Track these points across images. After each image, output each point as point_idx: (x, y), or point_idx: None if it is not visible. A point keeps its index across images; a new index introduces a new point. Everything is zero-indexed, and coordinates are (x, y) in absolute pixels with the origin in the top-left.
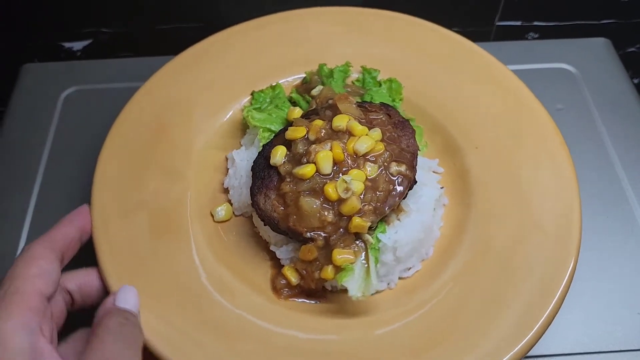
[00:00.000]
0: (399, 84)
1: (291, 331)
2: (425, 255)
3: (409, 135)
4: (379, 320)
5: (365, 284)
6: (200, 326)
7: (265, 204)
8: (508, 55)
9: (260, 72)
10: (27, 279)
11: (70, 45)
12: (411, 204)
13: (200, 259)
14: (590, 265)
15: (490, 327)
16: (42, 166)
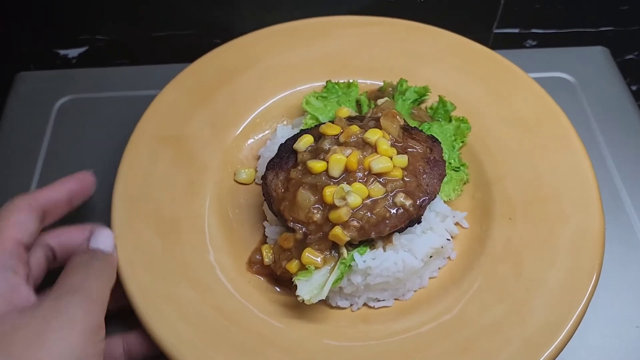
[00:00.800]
0: (468, 126)
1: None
2: (402, 296)
3: (435, 176)
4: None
5: (317, 291)
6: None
7: (271, 181)
8: None
9: (338, 66)
10: (4, 228)
11: (66, 53)
12: (404, 240)
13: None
14: None
15: None
16: (37, 176)
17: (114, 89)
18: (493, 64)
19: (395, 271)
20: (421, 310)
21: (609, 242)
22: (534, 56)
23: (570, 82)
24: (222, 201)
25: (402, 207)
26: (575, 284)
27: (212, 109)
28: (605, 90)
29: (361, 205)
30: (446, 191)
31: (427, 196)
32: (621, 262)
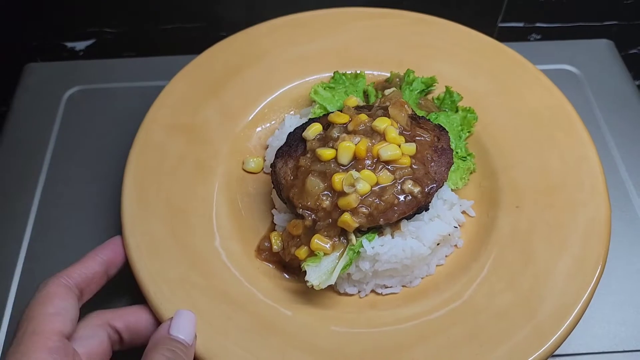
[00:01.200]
0: (475, 117)
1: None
2: (409, 283)
3: (442, 164)
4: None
5: (326, 277)
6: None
7: (280, 169)
8: None
9: (345, 58)
10: (44, 319)
11: (73, 45)
12: (412, 227)
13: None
14: None
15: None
16: (45, 166)
17: (122, 80)
18: (500, 56)
19: (402, 258)
20: (429, 297)
21: (615, 232)
22: (539, 48)
23: (575, 75)
24: (231, 189)
25: (411, 194)
26: (582, 271)
27: (221, 99)
28: (611, 83)
29: (370, 192)
30: (453, 179)
31: (435, 184)
32: (627, 250)
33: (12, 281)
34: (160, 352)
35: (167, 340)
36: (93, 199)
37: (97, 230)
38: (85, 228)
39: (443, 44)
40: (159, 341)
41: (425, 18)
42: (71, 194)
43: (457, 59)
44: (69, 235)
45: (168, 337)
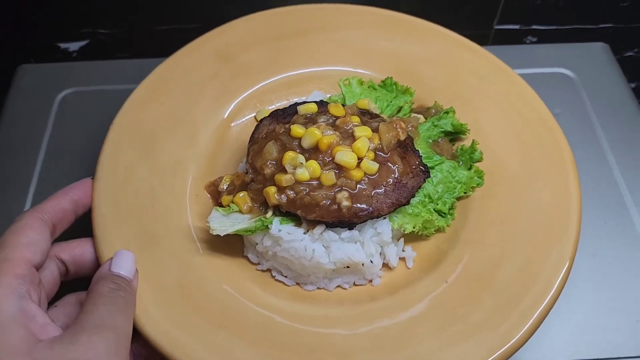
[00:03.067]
0: (480, 183)
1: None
2: (303, 285)
3: (390, 197)
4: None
5: (224, 228)
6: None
7: (263, 125)
8: (507, 60)
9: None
10: (16, 248)
11: (67, 46)
12: (327, 235)
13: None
14: (588, 271)
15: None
16: (38, 169)
17: (116, 82)
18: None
19: (301, 256)
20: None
21: (609, 238)
22: (534, 51)
23: (570, 78)
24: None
25: (339, 204)
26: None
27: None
28: (606, 86)
29: (307, 182)
30: (403, 220)
31: (368, 210)
32: (621, 256)
33: None
34: (105, 284)
35: (109, 276)
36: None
37: (89, 231)
38: (78, 229)
39: (507, 105)
40: (102, 276)
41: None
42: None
43: (506, 120)
44: (62, 236)
45: (110, 273)
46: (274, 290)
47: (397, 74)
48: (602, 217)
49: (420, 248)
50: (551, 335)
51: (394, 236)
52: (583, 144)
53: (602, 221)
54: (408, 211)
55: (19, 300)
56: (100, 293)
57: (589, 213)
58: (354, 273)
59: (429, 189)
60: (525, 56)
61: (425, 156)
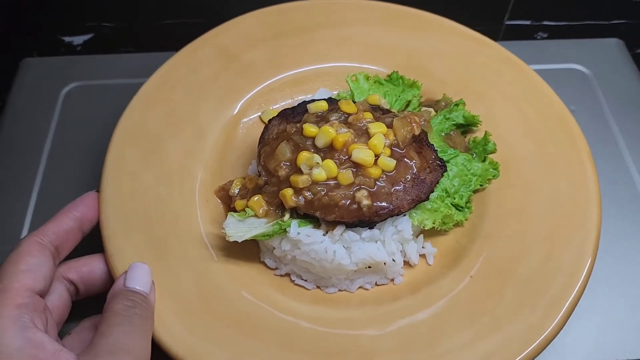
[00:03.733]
0: (496, 174)
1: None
2: (324, 287)
3: (410, 194)
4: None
5: (240, 234)
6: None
7: (273, 125)
8: (519, 55)
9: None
10: (14, 276)
11: (71, 40)
12: (347, 235)
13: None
14: (606, 271)
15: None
16: (43, 164)
17: (121, 76)
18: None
19: (322, 258)
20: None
21: (627, 236)
22: (548, 47)
23: (585, 74)
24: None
25: (358, 203)
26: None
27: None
28: (621, 83)
29: (324, 182)
30: (422, 216)
31: (389, 207)
32: (638, 254)
33: None
34: (120, 302)
35: (124, 292)
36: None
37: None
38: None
39: (517, 93)
40: (116, 294)
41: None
42: (69, 193)
43: (520, 112)
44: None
45: (125, 289)
46: (294, 294)
47: (403, 68)
48: (619, 216)
49: (440, 243)
50: (570, 335)
51: (413, 233)
52: (598, 142)
53: (619, 220)
54: (427, 207)
55: (22, 331)
56: (115, 312)
57: (606, 212)
58: (375, 273)
59: (446, 183)
60: (538, 52)
61: (439, 150)
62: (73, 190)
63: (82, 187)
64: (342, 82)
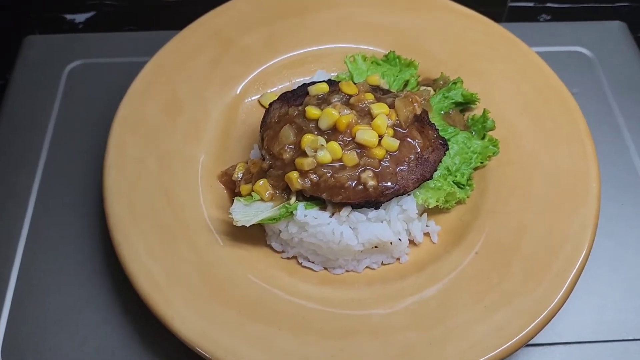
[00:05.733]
0: (496, 151)
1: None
2: (331, 269)
3: (414, 173)
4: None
5: (248, 218)
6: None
7: (274, 109)
8: (522, 38)
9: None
10: None
11: (73, 17)
12: (354, 217)
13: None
14: (605, 253)
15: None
16: (47, 142)
17: (125, 54)
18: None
19: (329, 240)
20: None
21: (626, 219)
22: (551, 29)
23: (587, 57)
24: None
25: (364, 184)
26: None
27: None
28: (624, 66)
29: (329, 164)
30: (426, 196)
31: (394, 187)
32: (637, 236)
33: (14, 260)
34: None
35: None
36: (96, 175)
37: (99, 205)
38: (87, 203)
39: (514, 69)
40: None
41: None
42: (73, 171)
43: (516, 89)
44: (71, 210)
45: None
46: (302, 277)
47: (399, 48)
48: (619, 199)
49: (443, 221)
50: (568, 316)
51: (418, 211)
52: (600, 125)
53: (619, 202)
54: (430, 185)
55: None
56: None
57: (606, 194)
58: (382, 252)
59: (447, 162)
60: (541, 34)
61: (440, 129)
62: (77, 169)
63: (86, 165)
64: (340, 63)
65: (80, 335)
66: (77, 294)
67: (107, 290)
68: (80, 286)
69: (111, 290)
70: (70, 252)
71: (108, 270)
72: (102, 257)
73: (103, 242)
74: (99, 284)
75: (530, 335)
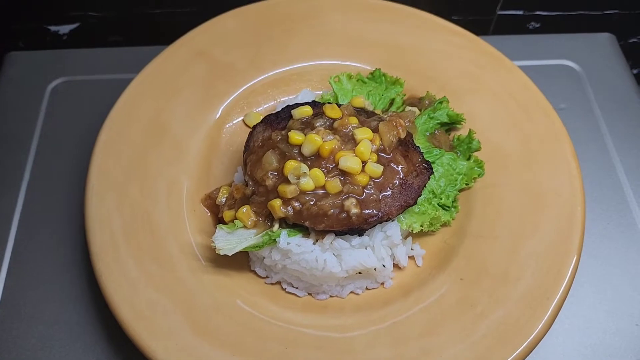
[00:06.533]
0: (481, 173)
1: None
2: (315, 295)
3: (398, 200)
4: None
5: (231, 246)
6: None
7: (257, 132)
8: (510, 50)
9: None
10: None
11: (57, 29)
12: (337, 244)
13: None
14: (590, 273)
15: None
16: (30, 163)
17: (109, 71)
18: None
19: (312, 267)
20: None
21: (612, 239)
22: (538, 42)
23: (575, 71)
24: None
25: (347, 212)
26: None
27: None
28: (611, 80)
29: (312, 191)
30: (410, 220)
31: (378, 215)
32: (623, 258)
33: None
34: None
35: None
36: (80, 197)
37: (82, 230)
38: (71, 228)
39: (500, 89)
40: None
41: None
42: (57, 191)
43: (502, 108)
44: (54, 235)
45: None
46: (286, 303)
47: (385, 65)
48: (605, 218)
49: (428, 244)
50: (552, 339)
51: (402, 236)
52: (587, 142)
53: (605, 222)
54: (415, 210)
55: None
56: None
57: (592, 213)
58: (366, 278)
59: (432, 185)
60: (528, 47)
61: (425, 151)
62: (61, 187)
63: (70, 184)
64: (325, 81)
65: None
66: (60, 322)
67: (90, 319)
68: (63, 315)
69: (95, 319)
70: (54, 279)
71: (92, 299)
72: (86, 285)
73: (86, 269)
74: (82, 313)
75: None
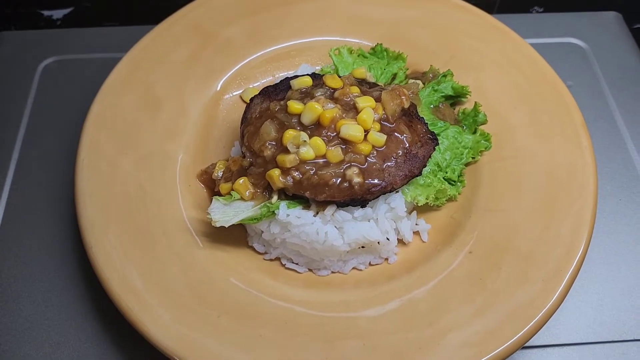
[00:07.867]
0: (488, 146)
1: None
2: (316, 270)
3: (402, 169)
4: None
5: (227, 218)
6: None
7: (255, 104)
8: (515, 29)
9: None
10: None
11: (50, 14)
12: (339, 215)
13: None
14: (602, 250)
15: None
16: (19, 142)
17: (100, 50)
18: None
19: (313, 240)
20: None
21: (624, 215)
22: (545, 21)
23: (582, 48)
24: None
25: (349, 181)
26: None
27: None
28: (619, 57)
29: (312, 160)
30: (415, 192)
31: (381, 184)
32: (636, 234)
33: None
34: None
35: None
36: (70, 175)
37: (73, 206)
38: (61, 205)
39: (506, 61)
40: None
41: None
42: (46, 170)
43: (509, 81)
44: (43, 212)
45: None
46: (286, 279)
47: (387, 40)
48: (617, 194)
49: (433, 219)
50: (565, 317)
51: (406, 209)
52: (596, 119)
53: (617, 198)
54: (420, 182)
55: None
56: None
57: (603, 190)
58: (369, 252)
59: (437, 157)
60: (535, 25)
61: (429, 123)
62: (51, 168)
63: (60, 164)
64: (325, 57)
65: (52, 343)
66: (50, 300)
67: (80, 297)
68: (53, 292)
69: (85, 296)
70: (43, 256)
71: (82, 275)
72: (76, 261)
73: (77, 246)
74: (72, 290)
75: (525, 339)
